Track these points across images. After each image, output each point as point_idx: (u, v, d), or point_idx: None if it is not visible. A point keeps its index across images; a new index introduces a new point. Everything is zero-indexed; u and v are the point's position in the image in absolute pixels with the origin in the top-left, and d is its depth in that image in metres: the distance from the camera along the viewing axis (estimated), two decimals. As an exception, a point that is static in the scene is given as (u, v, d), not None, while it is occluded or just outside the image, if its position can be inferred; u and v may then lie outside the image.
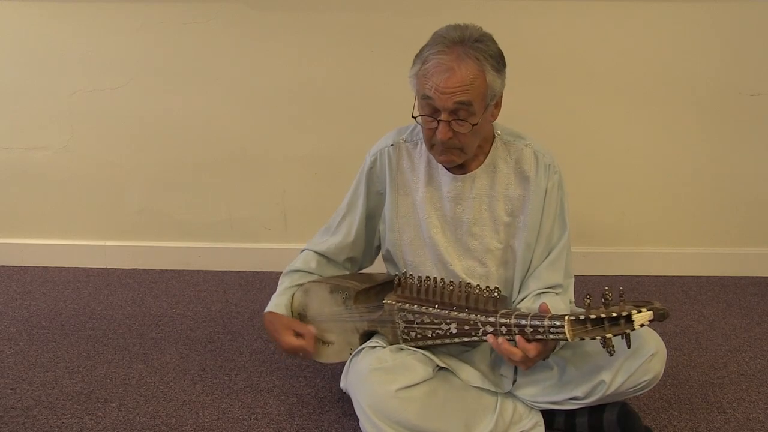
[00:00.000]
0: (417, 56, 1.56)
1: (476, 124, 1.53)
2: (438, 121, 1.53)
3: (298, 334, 1.73)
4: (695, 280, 2.66)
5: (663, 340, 1.61)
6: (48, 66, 2.56)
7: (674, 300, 2.51)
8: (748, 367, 2.06)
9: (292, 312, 1.80)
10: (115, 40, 2.53)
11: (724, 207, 2.67)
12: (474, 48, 1.50)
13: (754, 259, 2.70)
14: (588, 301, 1.39)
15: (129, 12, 2.49)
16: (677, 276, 2.69)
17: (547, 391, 1.64)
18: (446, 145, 1.55)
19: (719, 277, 2.69)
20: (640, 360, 1.55)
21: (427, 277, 1.60)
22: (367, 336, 1.71)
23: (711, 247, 2.71)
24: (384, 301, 1.63)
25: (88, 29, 2.52)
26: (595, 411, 1.65)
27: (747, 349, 2.17)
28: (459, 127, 1.53)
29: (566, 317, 1.39)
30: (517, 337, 1.46)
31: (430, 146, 1.60)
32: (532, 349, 1.45)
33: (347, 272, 1.87)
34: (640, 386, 1.57)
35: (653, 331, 1.61)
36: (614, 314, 1.35)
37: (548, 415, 1.68)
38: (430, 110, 1.53)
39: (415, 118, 1.57)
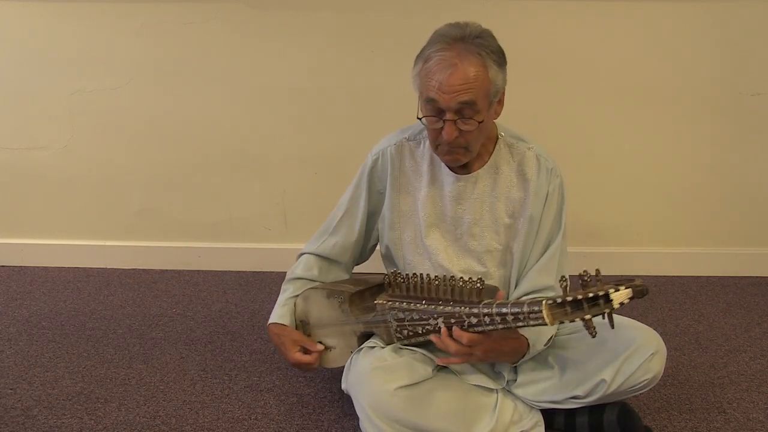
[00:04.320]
0: (418, 56, 1.56)
1: (482, 122, 1.53)
2: (444, 121, 1.52)
3: (305, 351, 1.74)
4: (695, 280, 2.66)
5: (663, 339, 1.61)
6: (48, 66, 2.56)
7: (674, 300, 2.51)
8: (748, 367, 2.06)
9: (295, 320, 1.80)
10: (115, 40, 2.53)
11: (724, 207, 2.67)
12: (475, 44, 1.50)
13: (754, 259, 2.70)
14: (565, 284, 1.37)
15: (129, 12, 2.49)
16: (677, 276, 2.69)
17: (547, 390, 1.64)
18: (452, 145, 1.55)
19: (719, 277, 2.69)
20: (641, 359, 1.55)
21: (414, 274, 1.60)
22: (365, 338, 1.72)
23: (711, 247, 2.71)
24: (375, 302, 1.64)
25: (88, 29, 2.52)
26: (595, 411, 1.65)
27: (747, 349, 2.17)
28: (465, 126, 1.52)
29: (544, 301, 1.37)
30: (454, 327, 1.47)
31: (435, 146, 1.59)
32: (465, 337, 1.46)
33: (348, 274, 1.87)
34: (640, 385, 1.57)
35: (653, 330, 1.62)
36: (591, 294, 1.32)
37: (548, 415, 1.68)
38: (435, 111, 1.53)
39: (420, 119, 1.57)
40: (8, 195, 2.73)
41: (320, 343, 1.78)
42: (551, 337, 1.65)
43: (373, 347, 1.66)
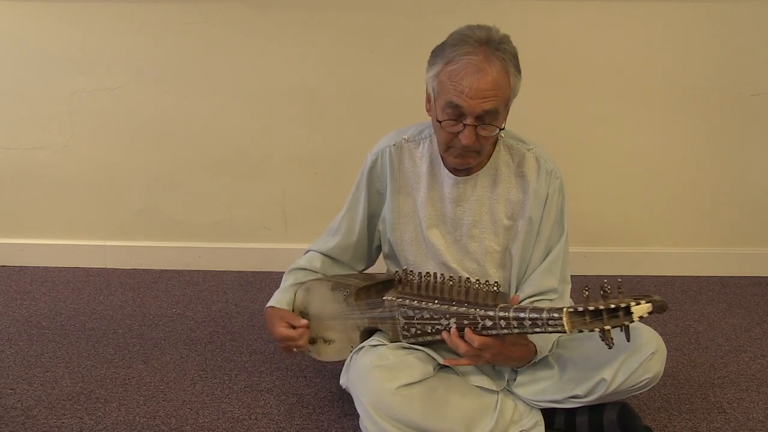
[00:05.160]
0: (437, 56, 1.53)
1: (502, 128, 1.53)
2: (464, 125, 1.50)
3: (291, 327, 1.73)
4: (695, 280, 2.66)
5: (663, 339, 1.61)
6: (48, 66, 2.56)
7: (674, 300, 2.51)
8: (748, 367, 2.07)
9: (294, 310, 1.80)
10: (115, 40, 2.53)
11: (724, 207, 2.67)
12: (500, 49, 1.48)
13: (754, 259, 2.70)
14: (587, 293, 1.39)
15: (129, 12, 2.49)
16: (677, 276, 2.69)
17: (547, 389, 1.64)
18: (466, 149, 1.54)
19: (719, 277, 2.69)
20: (641, 359, 1.55)
21: (428, 273, 1.59)
22: (367, 333, 1.71)
23: (711, 247, 2.71)
24: (384, 297, 1.63)
25: (88, 29, 2.52)
26: (596, 410, 1.65)
27: (747, 349, 2.17)
28: (484, 132, 1.51)
29: (564, 309, 1.38)
30: (466, 329, 1.47)
31: (447, 148, 1.57)
32: (476, 339, 1.46)
33: (352, 272, 1.87)
34: (640, 385, 1.57)
35: (653, 330, 1.61)
36: (613, 306, 1.34)
37: (548, 415, 1.68)
38: (456, 114, 1.50)
39: (440, 122, 1.53)
40: (8, 195, 2.73)
41: (321, 338, 1.77)
42: (555, 342, 1.65)
43: (375, 345, 1.66)
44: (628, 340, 1.38)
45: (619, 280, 1.39)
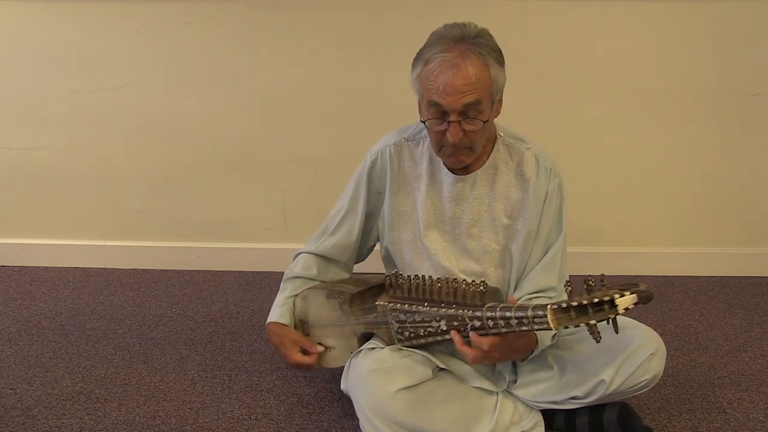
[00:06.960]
0: (417, 58, 1.55)
1: (487, 121, 1.53)
2: (448, 123, 1.51)
3: (305, 352, 1.74)
4: (695, 280, 2.66)
5: (663, 339, 1.61)
6: (48, 66, 2.56)
7: (674, 300, 2.51)
8: (748, 367, 2.06)
9: (294, 319, 1.80)
10: (115, 40, 2.53)
11: (724, 207, 2.67)
12: (476, 44, 1.49)
13: (754, 259, 2.70)
14: (569, 288, 1.37)
15: (129, 12, 2.50)
16: (677, 276, 2.69)
17: (547, 390, 1.63)
18: (457, 146, 1.54)
19: (719, 277, 2.69)
20: (640, 359, 1.55)
21: (416, 275, 1.59)
22: (365, 338, 1.71)
23: (711, 247, 2.71)
24: (376, 303, 1.63)
25: (88, 29, 2.52)
26: (596, 411, 1.65)
27: (747, 349, 2.17)
28: (469, 126, 1.51)
29: (548, 306, 1.37)
30: (471, 333, 1.47)
31: (439, 148, 1.58)
32: (485, 342, 1.46)
33: (348, 273, 1.87)
34: (640, 386, 1.57)
35: (653, 330, 1.62)
36: (596, 300, 1.32)
37: (548, 415, 1.68)
38: (439, 113, 1.52)
39: (424, 122, 1.55)
40: (8, 195, 2.73)
41: (320, 344, 1.78)
42: (556, 334, 1.65)
43: (373, 348, 1.66)
44: (617, 333, 1.37)
45: (602, 273, 1.37)
